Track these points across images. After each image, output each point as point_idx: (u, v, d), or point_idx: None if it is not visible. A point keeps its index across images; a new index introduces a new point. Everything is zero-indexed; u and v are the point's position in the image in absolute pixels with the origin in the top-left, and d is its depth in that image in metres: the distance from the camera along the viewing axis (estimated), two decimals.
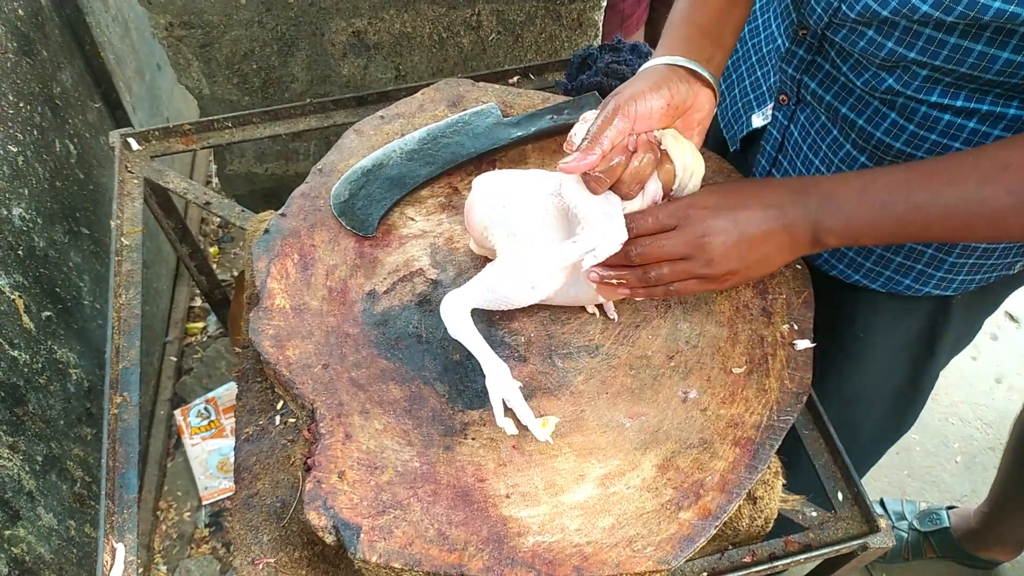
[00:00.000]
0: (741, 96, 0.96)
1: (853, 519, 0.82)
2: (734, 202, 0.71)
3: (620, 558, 0.69)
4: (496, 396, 0.76)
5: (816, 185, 0.70)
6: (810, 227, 0.70)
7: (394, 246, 0.93)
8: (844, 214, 0.69)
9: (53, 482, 1.26)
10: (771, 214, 0.70)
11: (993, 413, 1.94)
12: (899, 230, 0.68)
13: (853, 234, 0.70)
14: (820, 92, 0.83)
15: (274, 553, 0.78)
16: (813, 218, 0.70)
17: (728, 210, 0.70)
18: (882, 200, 0.67)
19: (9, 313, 1.19)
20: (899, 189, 0.67)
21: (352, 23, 1.44)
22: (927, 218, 0.66)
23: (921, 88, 0.71)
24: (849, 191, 0.69)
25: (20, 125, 1.26)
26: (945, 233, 0.67)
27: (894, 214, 0.67)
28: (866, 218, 0.68)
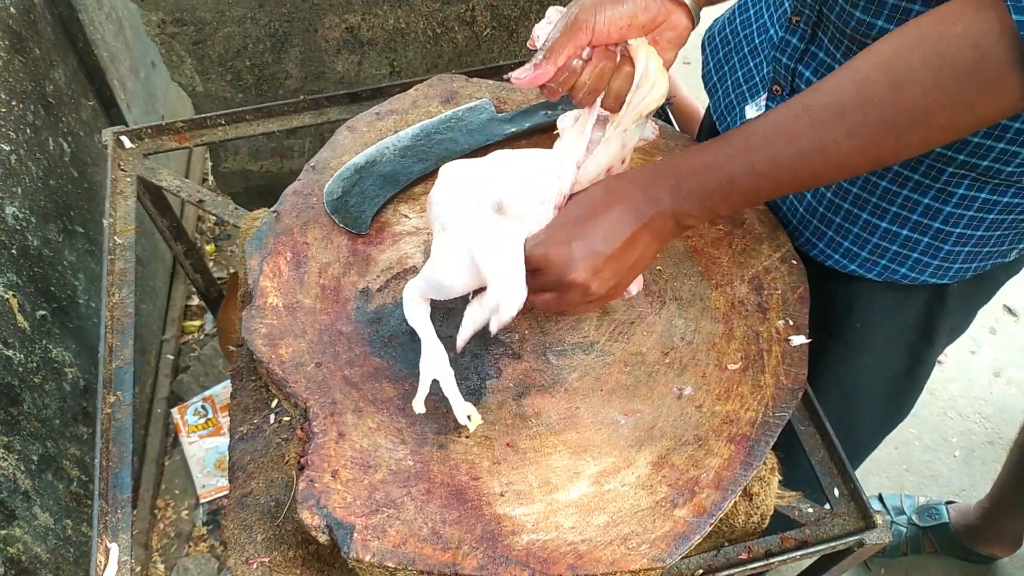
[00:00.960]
0: (734, 88, 0.96)
1: (849, 515, 0.82)
2: (587, 224, 0.70)
3: (615, 556, 0.68)
4: (427, 376, 0.76)
5: (661, 174, 0.70)
6: (668, 217, 0.70)
7: (387, 243, 0.92)
8: (696, 197, 0.68)
9: (49, 481, 1.26)
10: (626, 219, 0.69)
11: (992, 407, 1.93)
12: (753, 196, 0.68)
13: (709, 211, 0.70)
14: (813, 79, 0.83)
15: (268, 552, 0.78)
16: (668, 208, 0.69)
17: (582, 237, 0.69)
18: (727, 174, 0.67)
19: (3, 312, 1.18)
20: (741, 159, 0.66)
21: (345, 19, 1.43)
22: (775, 180, 0.66)
23: None
24: (694, 172, 0.68)
25: (13, 124, 1.26)
26: (797, 186, 0.67)
27: (743, 185, 0.67)
28: (717, 195, 0.68)
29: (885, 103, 0.60)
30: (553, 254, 0.69)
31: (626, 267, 0.71)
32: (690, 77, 2.66)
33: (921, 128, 0.60)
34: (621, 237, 0.69)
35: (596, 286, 0.70)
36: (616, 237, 0.69)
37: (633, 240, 0.70)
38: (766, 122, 0.67)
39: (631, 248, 0.70)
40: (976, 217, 0.79)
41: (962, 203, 0.78)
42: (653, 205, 0.69)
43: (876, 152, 0.63)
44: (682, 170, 0.69)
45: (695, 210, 0.69)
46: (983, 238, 0.82)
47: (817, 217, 0.88)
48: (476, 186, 0.76)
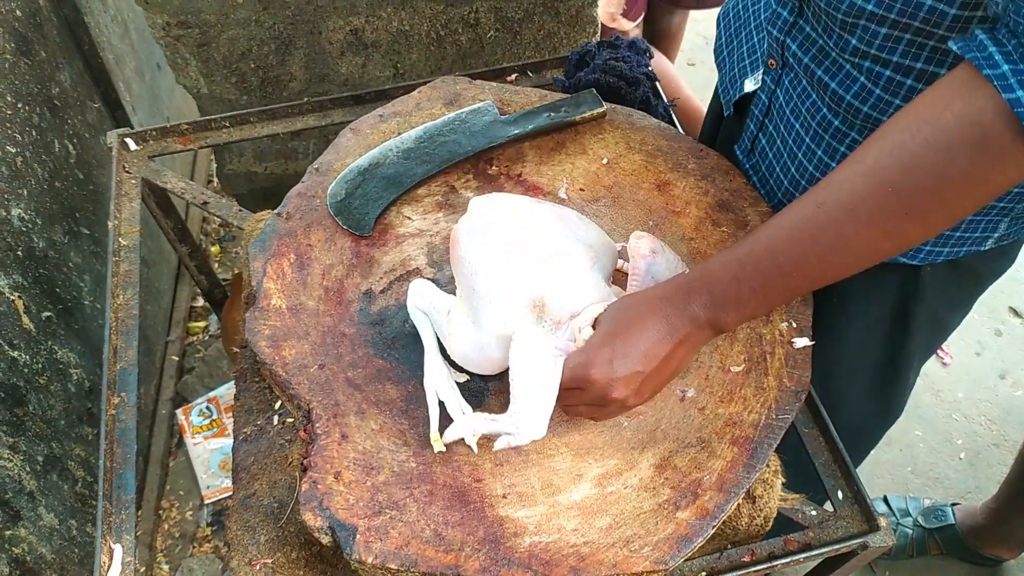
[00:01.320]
0: (738, 61, 0.98)
1: (853, 518, 0.82)
2: (627, 343, 0.71)
3: (617, 558, 0.68)
4: (432, 399, 0.78)
5: (695, 291, 0.71)
6: (704, 326, 0.71)
7: (391, 245, 0.92)
8: (732, 307, 0.70)
9: (54, 482, 1.27)
10: (665, 337, 0.71)
11: (997, 409, 1.92)
12: (788, 294, 0.71)
13: (747, 315, 0.71)
14: (800, 55, 0.84)
15: (271, 554, 0.78)
16: (704, 321, 0.71)
17: (623, 356, 0.70)
18: (759, 282, 0.68)
19: (9, 314, 1.19)
20: (769, 266, 0.68)
21: (350, 21, 1.43)
22: (809, 276, 0.68)
23: (883, 48, 0.73)
24: (727, 285, 0.69)
25: (19, 126, 1.26)
26: (831, 277, 0.69)
27: (775, 288, 0.69)
28: (752, 302, 0.69)
29: (900, 190, 0.61)
30: (596, 375, 0.70)
31: (663, 380, 0.73)
32: (694, 79, 2.66)
33: (941, 206, 0.61)
34: (660, 355, 0.71)
35: (634, 400, 0.72)
36: (655, 355, 0.70)
37: (671, 355, 0.71)
38: (786, 223, 0.68)
39: (669, 363, 0.72)
40: None
41: None
42: (689, 321, 0.71)
43: (901, 237, 0.64)
44: (715, 285, 0.70)
45: (732, 318, 0.71)
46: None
47: (800, 191, 0.90)
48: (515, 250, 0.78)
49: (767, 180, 0.96)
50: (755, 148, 0.97)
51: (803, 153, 0.88)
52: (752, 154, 0.98)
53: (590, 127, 1.03)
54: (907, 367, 1.05)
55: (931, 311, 0.96)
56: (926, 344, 1.03)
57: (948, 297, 0.97)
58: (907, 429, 1.88)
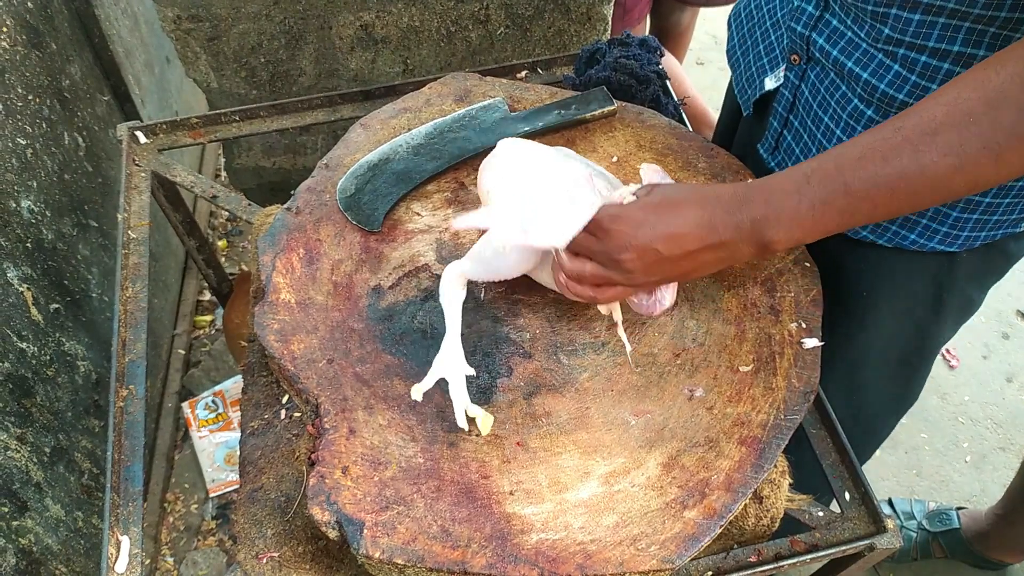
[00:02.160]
0: (755, 60, 0.97)
1: (860, 519, 0.82)
2: (661, 218, 0.69)
3: (624, 556, 0.68)
4: (435, 374, 0.77)
5: (751, 199, 0.69)
6: (748, 241, 0.69)
7: (400, 241, 0.92)
8: (784, 222, 0.67)
9: (61, 473, 1.27)
10: (699, 233, 0.69)
11: (1004, 412, 1.92)
12: (846, 219, 0.67)
13: (798, 237, 0.69)
14: (828, 48, 0.83)
15: (278, 547, 0.78)
16: (748, 229, 0.68)
17: (651, 227, 0.69)
18: (821, 197, 0.66)
19: (17, 305, 1.19)
20: (834, 180, 0.65)
21: (360, 16, 1.43)
22: (871, 201, 0.65)
23: (918, 33, 0.72)
24: (787, 195, 0.67)
25: (29, 118, 1.27)
26: (892, 209, 0.66)
27: (836, 208, 0.66)
28: (808, 219, 0.67)
29: (980, 121, 0.60)
30: (617, 228, 0.69)
31: (677, 272, 0.71)
32: (702, 78, 2.65)
33: (1020, 146, 0.60)
34: (686, 247, 0.69)
35: (639, 276, 0.70)
36: (681, 244, 0.69)
37: (696, 254, 0.69)
38: (858, 144, 0.66)
39: (690, 259, 0.70)
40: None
41: None
42: (733, 228, 0.68)
43: (974, 172, 0.62)
44: (774, 195, 0.68)
45: (782, 235, 0.68)
46: (991, 205, 0.82)
47: None
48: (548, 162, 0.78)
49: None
50: (780, 146, 0.96)
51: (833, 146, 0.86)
52: (777, 151, 0.96)
53: (600, 125, 1.03)
54: (933, 352, 1.04)
55: (963, 295, 0.95)
56: (952, 327, 1.02)
57: (980, 278, 0.95)
58: (913, 432, 1.87)
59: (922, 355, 1.02)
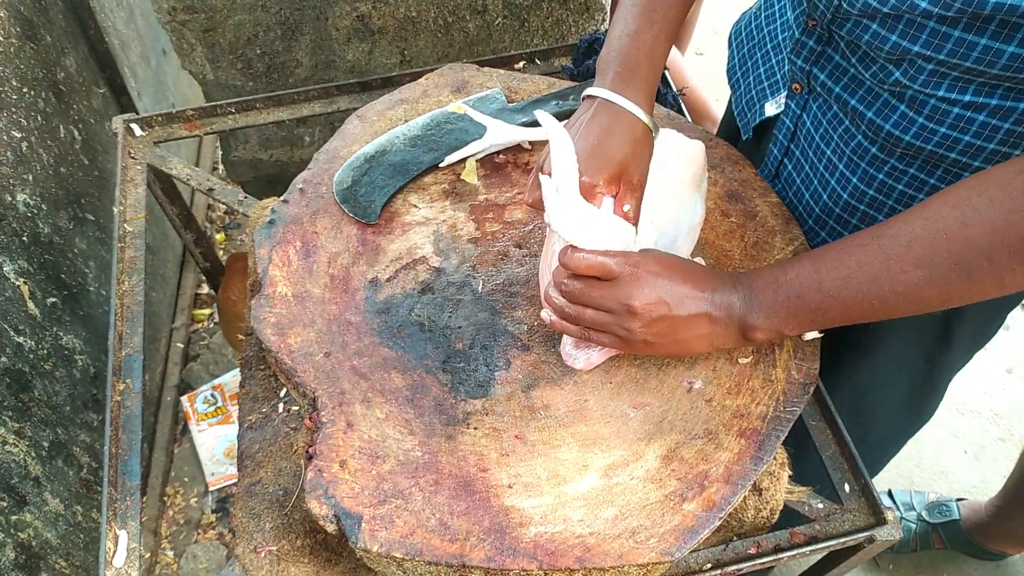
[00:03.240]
0: (755, 84, 0.95)
1: (860, 511, 0.81)
2: (673, 278, 0.71)
3: (623, 549, 0.68)
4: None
5: (740, 283, 0.71)
6: (737, 322, 0.71)
7: (397, 233, 0.92)
8: (764, 309, 0.70)
9: (59, 468, 1.27)
10: (702, 302, 0.71)
11: (1004, 404, 1.91)
12: (819, 317, 0.69)
13: (776, 328, 0.71)
14: (830, 84, 0.81)
15: (276, 541, 0.78)
16: (739, 315, 0.71)
17: (666, 285, 0.70)
18: (795, 292, 0.69)
19: (14, 299, 1.19)
20: (809, 279, 0.68)
21: (356, 7, 1.42)
22: (842, 304, 0.67)
23: (928, 82, 0.70)
24: (766, 285, 0.70)
25: (24, 111, 1.26)
26: (865, 314, 0.68)
27: (809, 304, 0.68)
28: (783, 310, 0.69)
29: (954, 238, 0.61)
30: (640, 277, 0.70)
31: (672, 339, 0.72)
32: (700, 69, 2.64)
33: (990, 267, 0.60)
34: (690, 311, 0.70)
35: (639, 330, 0.71)
36: (686, 308, 0.70)
37: (696, 321, 0.71)
38: (837, 245, 0.68)
39: (690, 327, 0.71)
40: None
41: None
42: (726, 307, 0.71)
43: (945, 287, 0.63)
44: (755, 284, 0.71)
45: (761, 323, 0.70)
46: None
47: (833, 218, 0.87)
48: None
49: (795, 207, 0.93)
50: (780, 174, 0.94)
51: (836, 180, 0.85)
52: (777, 180, 0.95)
53: None
54: (945, 379, 1.03)
55: (973, 326, 0.95)
56: (964, 356, 1.02)
57: (991, 309, 0.95)
58: None
59: (933, 383, 1.02)
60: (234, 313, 1.27)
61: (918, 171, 0.77)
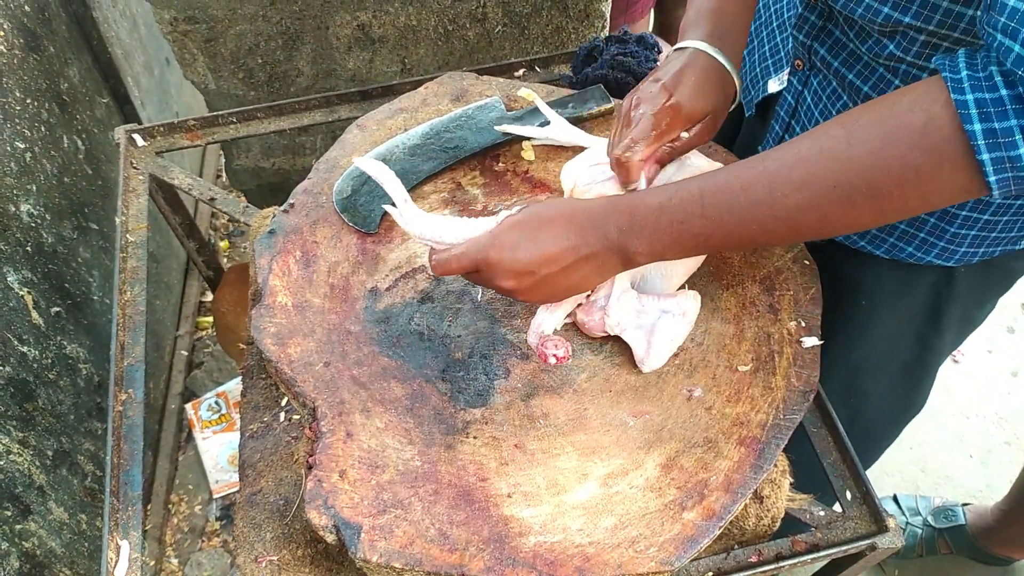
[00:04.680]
0: (760, 61, 0.97)
1: (861, 518, 0.81)
2: (533, 238, 0.71)
3: (623, 559, 0.68)
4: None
5: (617, 210, 0.70)
6: (615, 251, 0.71)
7: (396, 243, 0.92)
8: (646, 235, 0.69)
9: (64, 476, 1.28)
10: (572, 247, 0.70)
11: (1009, 408, 1.91)
12: (702, 243, 0.69)
13: (658, 252, 0.70)
14: (829, 58, 0.83)
15: (277, 551, 0.78)
16: (616, 243, 0.70)
17: (524, 252, 0.70)
18: (679, 217, 0.67)
19: (18, 309, 1.19)
20: (694, 204, 0.67)
21: (357, 16, 1.43)
22: (725, 229, 0.66)
23: (920, 54, 0.72)
24: (649, 211, 0.69)
25: (27, 121, 1.27)
26: (744, 240, 0.68)
27: (692, 229, 0.67)
28: (667, 237, 0.69)
29: (836, 157, 0.61)
30: (493, 257, 0.70)
31: (560, 288, 0.73)
32: None
33: (869, 190, 0.60)
34: (562, 261, 0.70)
35: (525, 296, 0.72)
36: (556, 259, 0.70)
37: (573, 267, 0.71)
38: (724, 170, 0.68)
39: (569, 274, 0.71)
40: (981, 200, 0.78)
41: None
42: (601, 239, 0.70)
43: (824, 211, 0.62)
44: (638, 208, 0.70)
45: (643, 248, 0.70)
46: (989, 222, 0.81)
47: None
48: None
49: None
50: None
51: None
52: None
53: (598, 123, 1.02)
54: (935, 364, 1.04)
55: (963, 309, 0.95)
56: (954, 340, 1.02)
57: (980, 294, 0.95)
58: (918, 427, 1.86)
59: (924, 366, 1.02)
60: (225, 325, 1.28)
61: None
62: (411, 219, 0.77)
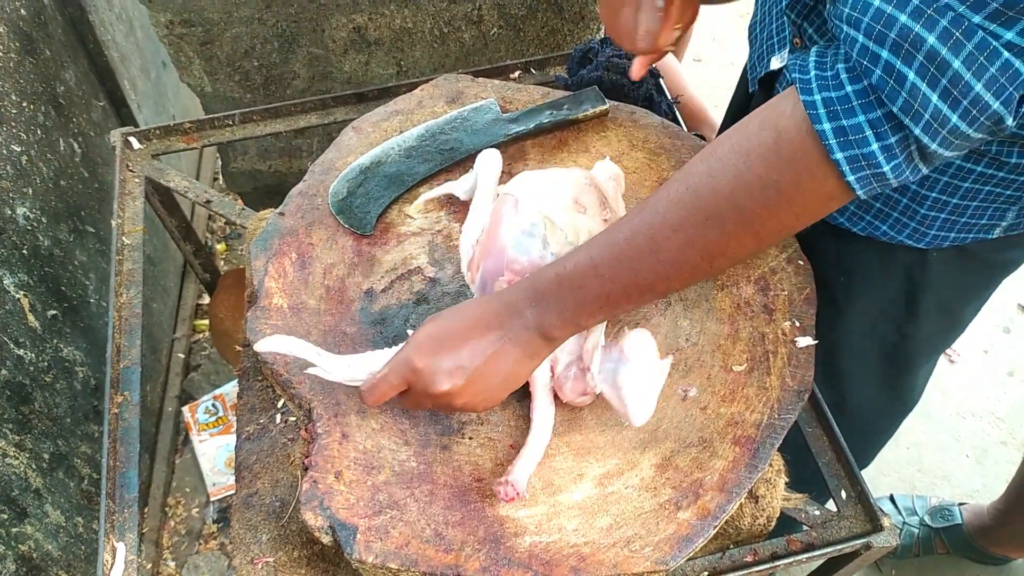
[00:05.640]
0: (766, 39, 0.98)
1: (856, 517, 0.81)
2: (454, 337, 0.69)
3: (618, 558, 0.68)
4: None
5: (523, 287, 0.70)
6: (534, 330, 0.69)
7: (392, 244, 0.92)
8: (554, 307, 0.68)
9: (60, 479, 1.27)
10: (492, 334, 0.68)
11: (1005, 407, 1.91)
12: (606, 304, 0.67)
13: (572, 321, 0.68)
14: (816, 37, 0.84)
15: (273, 552, 0.78)
16: (532, 321, 0.68)
17: (449, 347, 0.68)
18: (577, 282, 0.67)
19: (14, 312, 1.19)
20: (587, 267, 0.66)
21: (352, 19, 1.43)
22: (622, 286, 0.66)
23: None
24: (549, 282, 0.68)
25: (24, 125, 1.27)
26: (645, 292, 0.67)
27: (592, 292, 0.67)
28: (572, 304, 0.67)
29: (702, 192, 0.61)
30: (419, 364, 0.68)
31: (497, 381, 0.70)
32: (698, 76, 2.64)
33: (740, 217, 0.61)
34: (487, 351, 0.68)
35: (465, 399, 0.69)
36: (482, 351, 0.68)
37: (500, 353, 0.68)
38: (608, 229, 0.68)
39: (497, 361, 0.69)
40: (951, 184, 0.79)
41: (937, 167, 0.78)
42: (516, 319, 0.69)
43: (704, 245, 0.63)
44: (539, 281, 0.69)
45: (556, 321, 0.68)
46: (959, 207, 0.82)
47: None
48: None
49: None
50: None
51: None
52: None
53: (593, 125, 1.03)
54: (917, 355, 1.04)
55: (940, 299, 0.96)
56: (937, 334, 1.02)
57: (957, 285, 0.96)
58: (914, 427, 1.87)
59: (906, 355, 1.02)
60: (222, 330, 1.28)
61: None
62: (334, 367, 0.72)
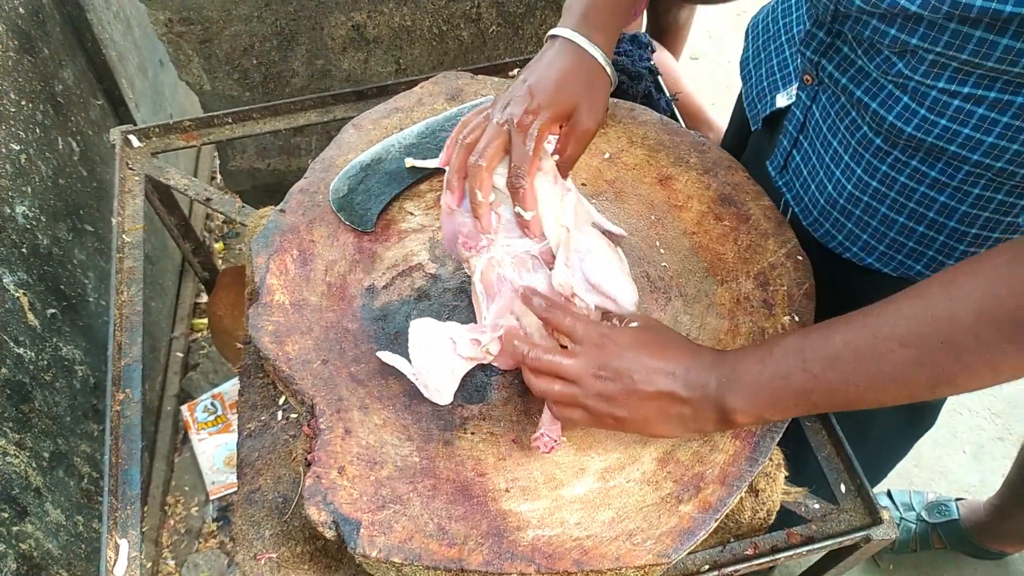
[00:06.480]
0: (768, 75, 0.97)
1: (856, 511, 0.82)
2: (642, 351, 0.69)
3: (620, 551, 0.69)
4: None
5: (722, 361, 0.69)
6: (713, 405, 0.68)
7: (393, 241, 0.92)
8: (746, 390, 0.67)
9: (60, 478, 1.27)
10: (668, 378, 0.68)
11: (1002, 403, 1.92)
12: (803, 400, 0.66)
13: (758, 409, 0.68)
14: (837, 75, 0.83)
15: (276, 548, 0.78)
16: (714, 395, 0.68)
17: (632, 357, 0.68)
18: (780, 373, 0.66)
19: (14, 311, 1.19)
20: (794, 357, 0.65)
21: (351, 17, 1.43)
22: (828, 386, 0.64)
23: (928, 73, 0.71)
24: (748, 364, 0.67)
25: (22, 123, 1.27)
26: (851, 398, 0.65)
27: (793, 385, 0.65)
28: (767, 392, 0.66)
29: (939, 316, 0.59)
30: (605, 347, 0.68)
31: (641, 415, 0.69)
32: (695, 74, 2.65)
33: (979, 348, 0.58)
34: (657, 387, 0.68)
35: (602, 402, 0.69)
36: (653, 384, 0.68)
37: (663, 399, 0.68)
38: (823, 325, 0.66)
39: (656, 404, 0.68)
40: (992, 219, 0.78)
41: (978, 203, 0.77)
42: (698, 388, 0.68)
43: (935, 368, 0.61)
44: (740, 363, 0.68)
45: (742, 404, 0.67)
46: (999, 242, 0.81)
47: (837, 209, 0.88)
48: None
49: (801, 198, 0.93)
50: (788, 165, 0.94)
51: (841, 171, 0.85)
52: (785, 171, 0.95)
53: None
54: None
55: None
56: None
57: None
58: None
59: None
60: (221, 328, 1.28)
61: (919, 163, 0.78)
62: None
